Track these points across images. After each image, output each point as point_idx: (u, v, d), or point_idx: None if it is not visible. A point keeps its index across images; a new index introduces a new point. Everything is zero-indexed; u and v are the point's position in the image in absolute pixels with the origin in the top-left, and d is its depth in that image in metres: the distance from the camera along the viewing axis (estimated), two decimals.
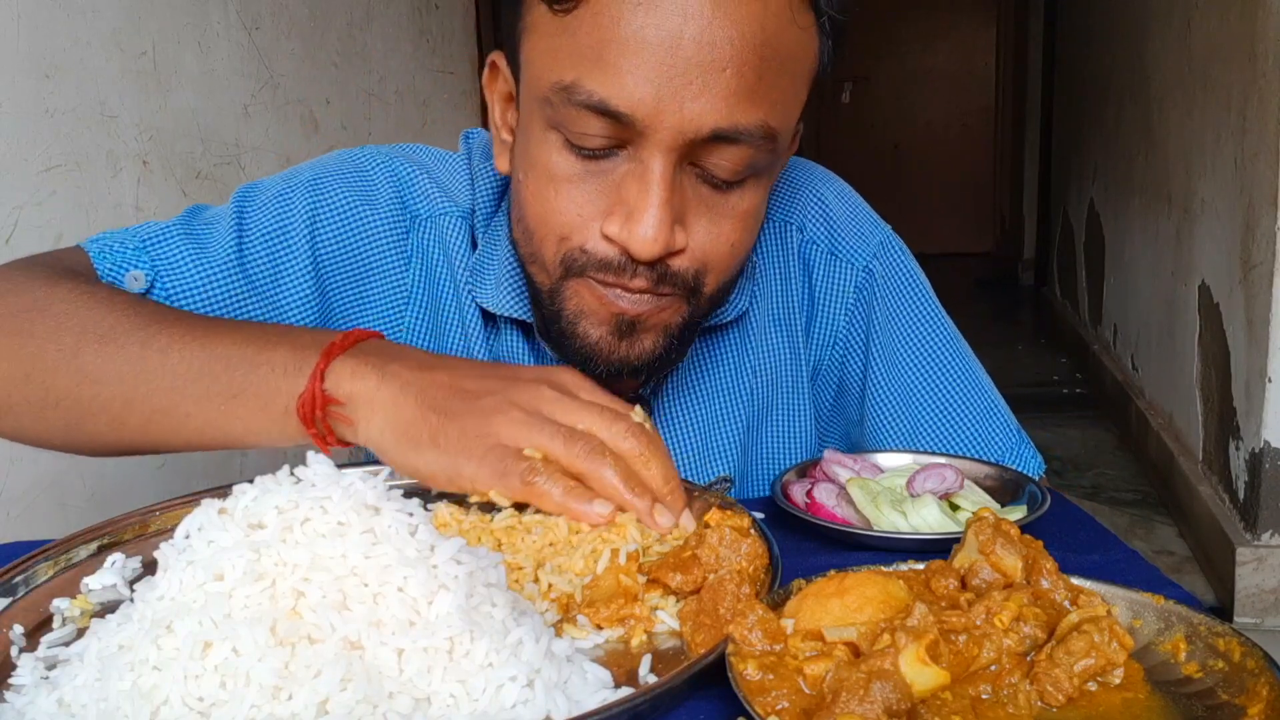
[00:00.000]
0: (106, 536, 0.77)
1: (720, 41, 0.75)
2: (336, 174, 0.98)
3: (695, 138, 0.77)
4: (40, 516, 1.64)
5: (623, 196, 0.80)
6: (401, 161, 1.00)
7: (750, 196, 0.85)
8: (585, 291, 0.85)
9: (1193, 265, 3.07)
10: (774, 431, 1.07)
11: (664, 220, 0.79)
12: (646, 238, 0.79)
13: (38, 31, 1.65)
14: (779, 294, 1.06)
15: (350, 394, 0.77)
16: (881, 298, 1.06)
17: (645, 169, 0.79)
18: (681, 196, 0.81)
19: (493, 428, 0.74)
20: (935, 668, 0.53)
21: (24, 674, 0.60)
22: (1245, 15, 2.57)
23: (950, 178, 7.98)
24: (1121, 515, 3.16)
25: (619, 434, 0.75)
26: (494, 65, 0.92)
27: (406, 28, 3.17)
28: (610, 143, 0.79)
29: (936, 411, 1.02)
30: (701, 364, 1.03)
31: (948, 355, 1.04)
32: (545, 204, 0.83)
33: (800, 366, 1.07)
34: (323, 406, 0.77)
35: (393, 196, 0.98)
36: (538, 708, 0.54)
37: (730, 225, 0.84)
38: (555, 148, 0.81)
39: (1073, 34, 5.58)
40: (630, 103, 0.76)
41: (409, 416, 0.75)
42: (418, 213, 0.99)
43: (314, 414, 0.77)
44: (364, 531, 0.57)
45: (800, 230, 1.06)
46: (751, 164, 0.81)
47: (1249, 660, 0.55)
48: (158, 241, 0.93)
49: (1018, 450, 1.02)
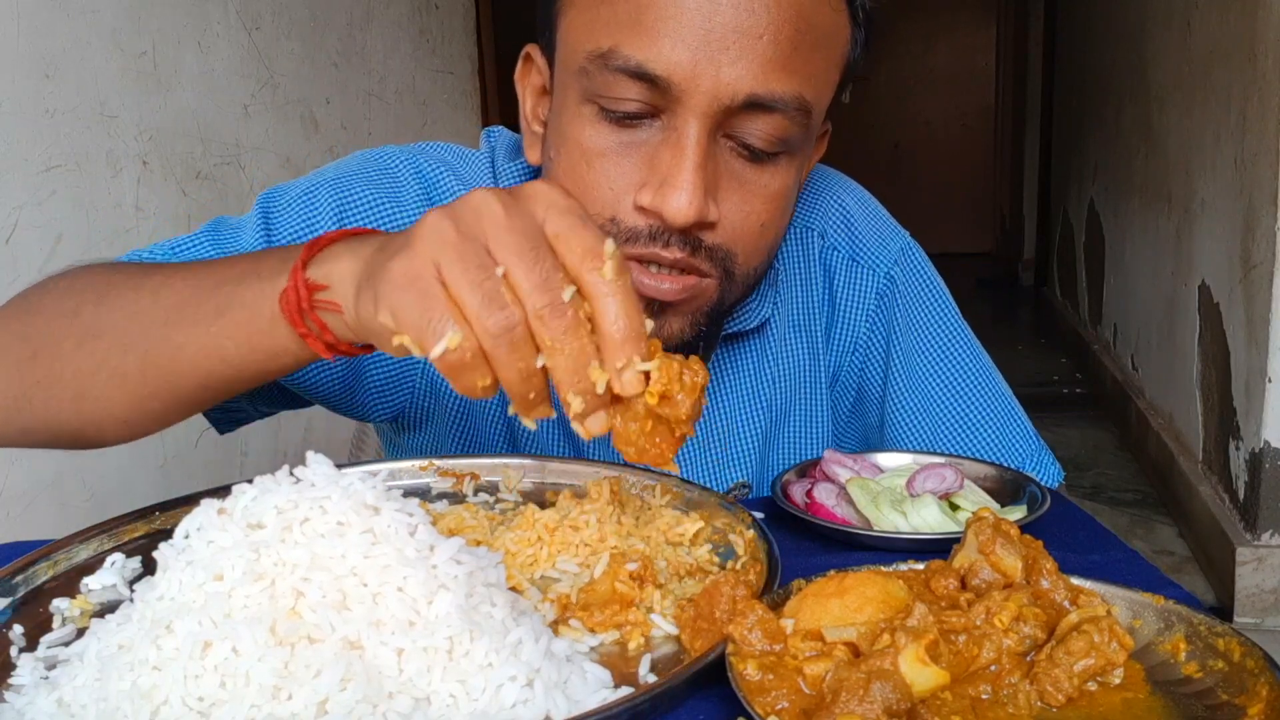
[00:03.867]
0: (106, 536, 0.77)
1: (757, 9, 0.77)
2: (361, 173, 0.98)
3: (731, 104, 0.78)
4: (40, 516, 1.64)
5: (656, 166, 0.81)
6: (426, 159, 1.00)
7: (782, 176, 0.85)
8: None
9: (1193, 265, 3.07)
10: (792, 437, 1.07)
11: (698, 185, 0.79)
12: (680, 204, 0.79)
13: (38, 31, 1.65)
14: (800, 299, 1.06)
15: (328, 274, 0.67)
16: (903, 305, 1.06)
17: (680, 136, 0.79)
18: (715, 168, 0.82)
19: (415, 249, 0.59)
20: (935, 668, 0.53)
21: (24, 674, 0.60)
22: (1245, 15, 2.57)
23: (950, 178, 7.98)
24: (1121, 515, 3.16)
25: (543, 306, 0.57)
26: (528, 57, 0.92)
27: (406, 28, 3.17)
28: (645, 109, 0.80)
29: (956, 418, 1.02)
30: (722, 371, 1.03)
31: (967, 362, 1.05)
32: (578, 180, 0.83)
33: (819, 372, 1.07)
34: (307, 297, 0.67)
35: (419, 194, 0.98)
36: (537, 707, 0.54)
37: (761, 204, 0.85)
38: (589, 121, 0.82)
39: (1073, 34, 5.58)
40: (668, 66, 0.77)
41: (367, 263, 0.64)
42: None
43: (299, 307, 0.67)
44: (363, 531, 0.57)
45: (822, 236, 1.06)
46: (786, 137, 0.82)
47: (1249, 660, 0.55)
48: (185, 247, 0.93)
49: (1037, 458, 1.02)
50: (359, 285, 0.63)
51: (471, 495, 0.87)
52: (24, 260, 1.64)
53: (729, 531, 0.77)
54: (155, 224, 1.96)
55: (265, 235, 0.93)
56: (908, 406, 1.03)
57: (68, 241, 1.73)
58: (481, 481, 0.90)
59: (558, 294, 0.57)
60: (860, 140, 7.83)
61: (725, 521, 0.78)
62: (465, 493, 0.88)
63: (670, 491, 0.83)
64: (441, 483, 0.90)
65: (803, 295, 1.06)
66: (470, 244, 0.57)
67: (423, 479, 0.90)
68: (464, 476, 0.90)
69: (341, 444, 1.49)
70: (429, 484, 0.90)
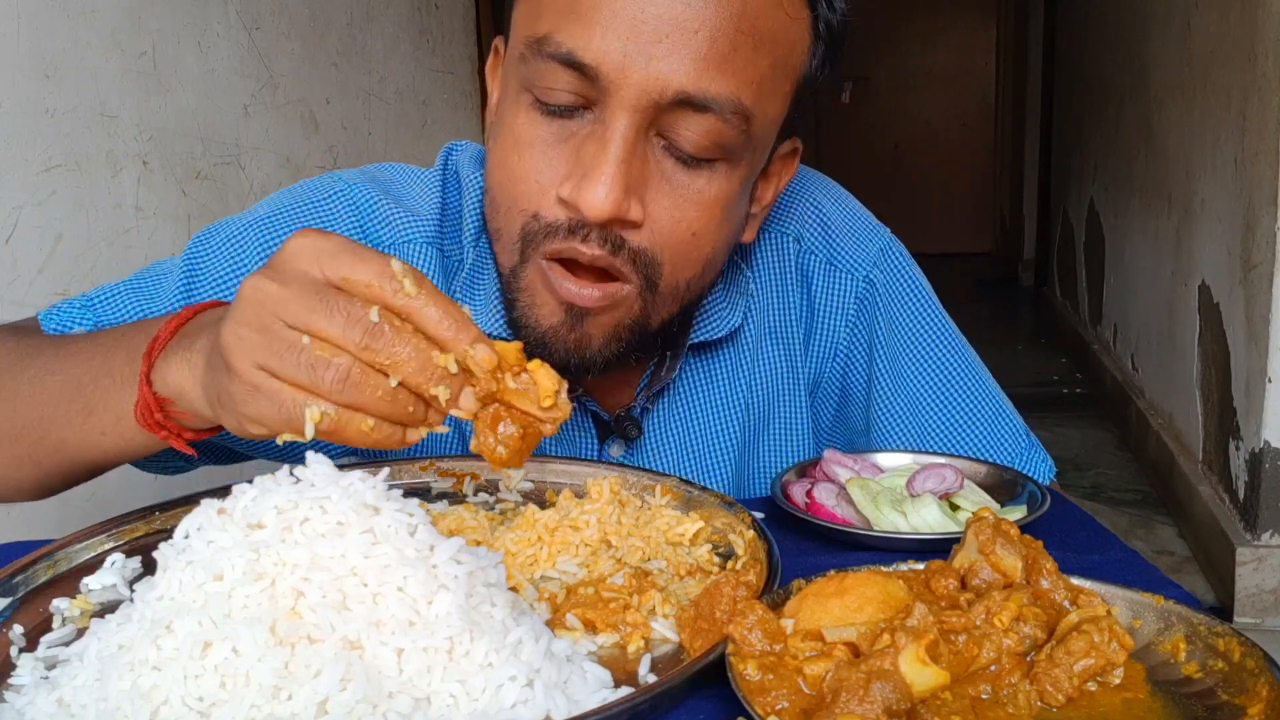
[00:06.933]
0: (106, 536, 0.77)
1: (694, 2, 0.75)
2: (292, 210, 0.96)
3: (660, 99, 0.77)
4: (40, 516, 1.63)
5: (580, 158, 0.79)
6: (363, 188, 0.97)
7: (719, 183, 0.82)
8: (537, 278, 0.83)
9: (1193, 265, 3.07)
10: (770, 447, 1.06)
11: (617, 179, 0.77)
12: (597, 197, 0.77)
13: (38, 31, 1.65)
14: (776, 306, 1.04)
15: (171, 387, 0.69)
16: (884, 306, 1.04)
17: (606, 129, 0.78)
18: (643, 167, 0.80)
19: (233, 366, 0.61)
20: (935, 668, 0.53)
21: (24, 674, 0.60)
22: (1245, 15, 2.57)
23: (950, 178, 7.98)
24: (1121, 515, 3.16)
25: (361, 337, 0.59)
26: (496, 50, 0.92)
27: (406, 27, 3.17)
28: (576, 100, 0.78)
29: (944, 418, 1.01)
30: (695, 381, 1.02)
31: (953, 361, 1.03)
32: (508, 170, 0.82)
33: (798, 380, 1.05)
34: (158, 410, 0.70)
35: (352, 226, 0.96)
36: (537, 707, 0.54)
37: (694, 210, 0.82)
38: (524, 108, 0.81)
39: (1073, 34, 5.58)
40: (597, 56, 0.76)
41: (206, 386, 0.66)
42: (379, 240, 0.95)
43: (153, 419, 0.71)
44: (363, 531, 0.57)
45: (797, 240, 1.04)
46: (721, 142, 0.80)
47: (1249, 660, 0.55)
48: (103, 300, 0.94)
49: (1027, 454, 1.01)
50: (212, 405, 0.65)
51: (471, 495, 0.87)
52: (24, 260, 1.64)
53: (729, 531, 0.77)
54: (155, 224, 1.96)
55: (186, 285, 0.93)
56: (894, 409, 1.02)
57: (68, 241, 1.73)
58: (481, 481, 0.90)
59: (366, 320, 0.58)
60: (860, 140, 7.83)
61: (725, 521, 0.78)
62: (465, 493, 0.88)
63: (670, 491, 0.83)
64: (441, 483, 0.90)
65: (779, 302, 1.04)
66: (271, 333, 0.59)
67: (423, 479, 0.90)
68: (464, 476, 0.90)
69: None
70: (429, 484, 0.90)
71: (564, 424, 1.00)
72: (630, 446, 1.00)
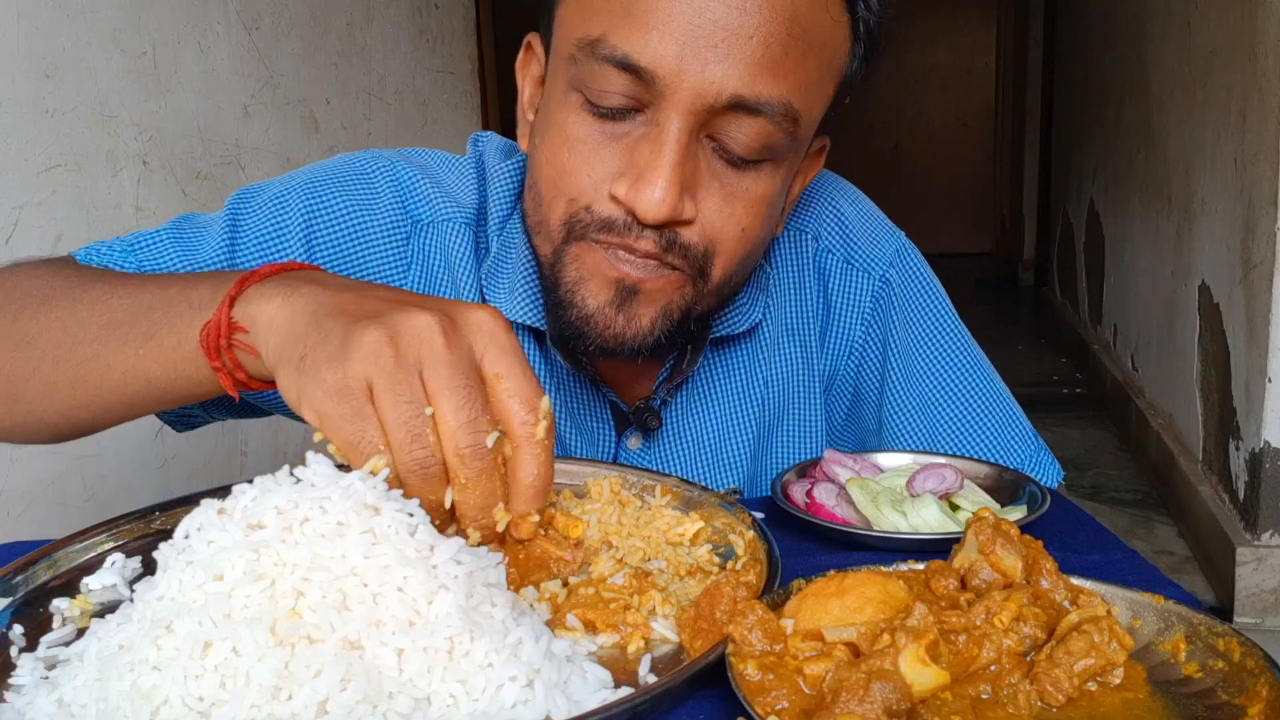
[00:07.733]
0: (106, 536, 0.77)
1: (749, 8, 0.76)
2: (335, 178, 0.97)
3: (715, 103, 0.77)
4: (40, 516, 1.64)
5: (634, 159, 0.80)
6: (404, 165, 0.99)
7: (765, 182, 0.84)
8: (587, 255, 0.83)
9: (1193, 265, 3.07)
10: (785, 442, 1.07)
11: (672, 183, 0.78)
12: (653, 199, 0.78)
13: (38, 31, 1.65)
14: (793, 303, 1.05)
15: (253, 317, 0.67)
16: (899, 307, 1.05)
17: (660, 131, 0.78)
18: (695, 167, 0.81)
19: (352, 362, 0.60)
20: (935, 668, 0.53)
21: (24, 674, 0.60)
22: (1245, 15, 2.57)
23: (950, 178, 7.99)
24: (1121, 515, 3.16)
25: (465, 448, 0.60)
26: (529, 46, 0.92)
27: (406, 27, 3.17)
28: (629, 103, 0.79)
29: (955, 420, 1.02)
30: (713, 375, 1.03)
31: (965, 363, 1.04)
32: (558, 165, 0.83)
33: (813, 376, 1.07)
34: (226, 334, 0.68)
35: (394, 201, 0.97)
36: (537, 707, 0.54)
37: (742, 207, 0.84)
38: (574, 108, 0.81)
39: (1073, 34, 5.58)
40: (653, 60, 0.76)
41: (295, 333, 0.64)
42: (419, 218, 0.97)
43: (218, 343, 0.69)
44: (364, 531, 0.57)
45: (816, 239, 1.06)
46: (770, 144, 0.81)
47: (1249, 660, 0.55)
48: (144, 245, 0.93)
49: (1036, 458, 1.02)
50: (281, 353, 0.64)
51: None
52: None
53: (729, 531, 0.77)
54: (155, 224, 1.93)
55: (230, 240, 0.93)
56: (906, 409, 1.03)
57: (68, 241, 1.73)
58: None
59: (481, 438, 0.60)
60: (860, 140, 7.84)
61: (725, 521, 0.78)
62: None
63: (670, 491, 0.83)
64: None
65: (796, 299, 1.05)
66: (405, 373, 0.59)
67: None
68: None
69: None
70: None
71: (583, 414, 1.02)
72: (648, 438, 1.01)
